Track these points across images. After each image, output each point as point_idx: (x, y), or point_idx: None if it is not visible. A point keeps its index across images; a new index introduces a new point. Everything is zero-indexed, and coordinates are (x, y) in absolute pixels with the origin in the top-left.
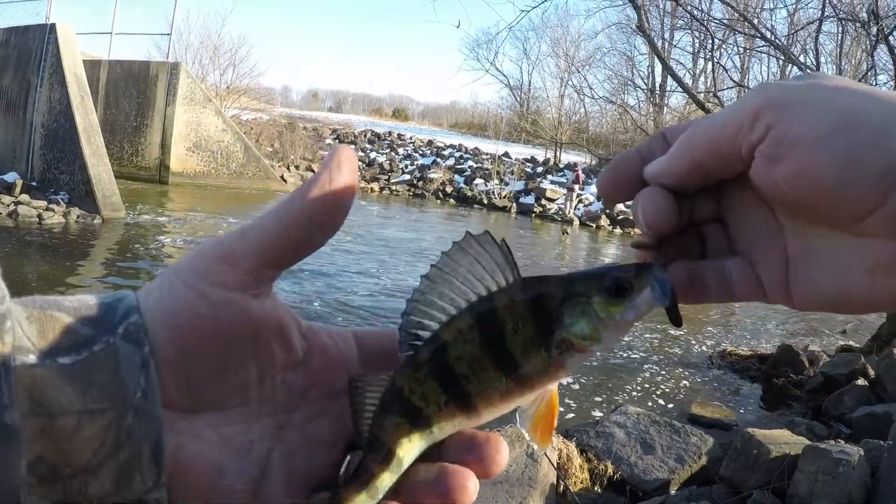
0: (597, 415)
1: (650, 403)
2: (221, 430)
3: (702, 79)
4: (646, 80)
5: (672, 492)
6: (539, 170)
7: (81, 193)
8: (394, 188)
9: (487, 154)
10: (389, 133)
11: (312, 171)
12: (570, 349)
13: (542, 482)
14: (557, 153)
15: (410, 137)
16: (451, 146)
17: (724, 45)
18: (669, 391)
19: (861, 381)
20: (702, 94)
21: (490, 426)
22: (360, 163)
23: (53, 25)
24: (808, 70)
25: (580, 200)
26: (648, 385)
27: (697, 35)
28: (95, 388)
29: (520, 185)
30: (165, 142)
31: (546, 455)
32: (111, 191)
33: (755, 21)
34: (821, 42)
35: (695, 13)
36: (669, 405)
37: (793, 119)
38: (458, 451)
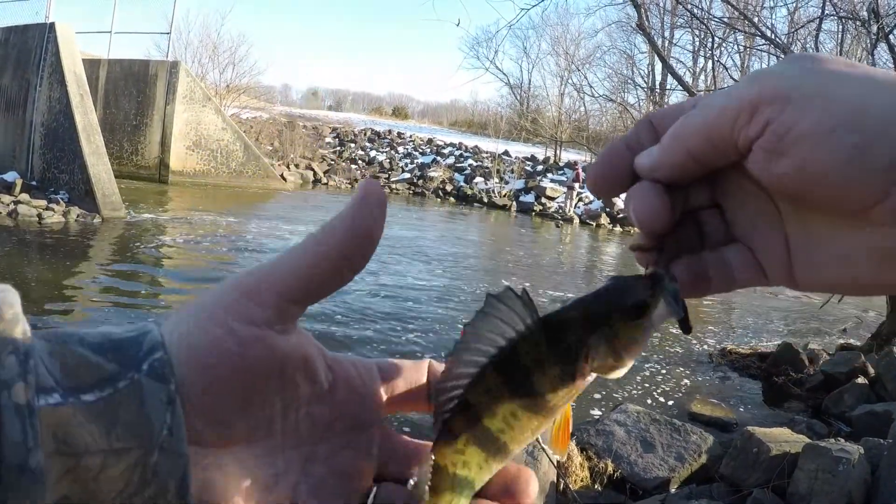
0: (597, 413)
1: (650, 402)
2: (248, 464)
3: (702, 77)
4: (646, 79)
5: (672, 490)
6: (539, 168)
7: (81, 193)
8: (394, 187)
9: (487, 152)
10: (389, 131)
11: (312, 170)
12: (594, 373)
13: (542, 480)
14: (557, 152)
15: (410, 136)
16: (451, 145)
17: (725, 44)
18: (669, 389)
19: (861, 380)
20: (702, 93)
21: None
22: (360, 161)
23: (53, 24)
24: None
25: (580, 199)
26: (648, 383)
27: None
28: (120, 427)
29: (520, 184)
30: (165, 141)
31: (546, 454)
32: (111, 190)
33: (755, 19)
34: (821, 40)
35: (695, 11)
36: (669, 403)
37: (794, 113)
38: (492, 491)
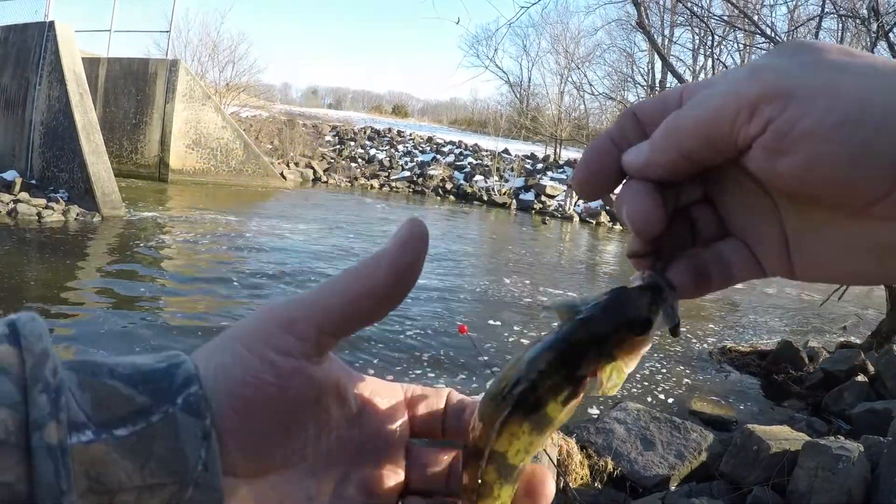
0: (596, 411)
1: (650, 400)
2: (281, 490)
3: (702, 75)
4: (646, 77)
5: (672, 488)
6: (539, 166)
7: (81, 191)
8: (394, 185)
9: (487, 151)
10: (389, 130)
11: (312, 168)
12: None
13: None
14: (557, 150)
15: (410, 134)
16: (451, 143)
17: (725, 42)
18: (669, 387)
19: (861, 378)
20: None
21: None
22: (360, 159)
23: (52, 23)
24: None
25: (583, 199)
26: (648, 381)
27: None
28: (154, 462)
29: (520, 182)
30: (165, 139)
31: (546, 451)
32: (111, 188)
33: (755, 17)
34: (821, 39)
35: (695, 10)
36: (669, 401)
37: (796, 111)
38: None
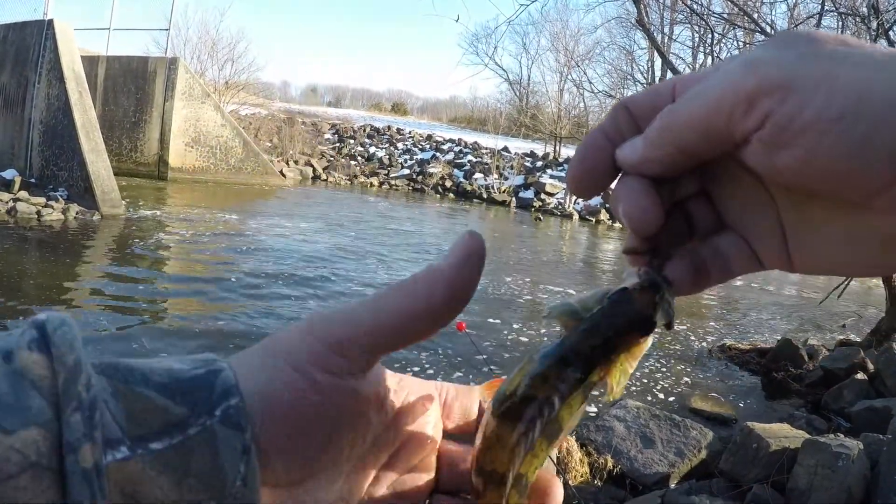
0: (596, 409)
1: (650, 397)
2: (316, 495)
3: None
4: (645, 75)
5: (672, 485)
6: (539, 164)
7: (80, 190)
8: (393, 183)
9: (487, 148)
10: (388, 128)
11: (312, 166)
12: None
13: None
14: (557, 148)
15: (409, 132)
16: (451, 141)
17: (724, 40)
18: (669, 385)
19: (860, 376)
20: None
21: None
22: (360, 157)
23: (51, 21)
24: None
25: (578, 197)
26: (648, 379)
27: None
28: (192, 478)
29: (519, 180)
30: (164, 137)
31: None
32: (110, 187)
33: (755, 15)
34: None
35: (694, 7)
36: (669, 399)
37: (795, 104)
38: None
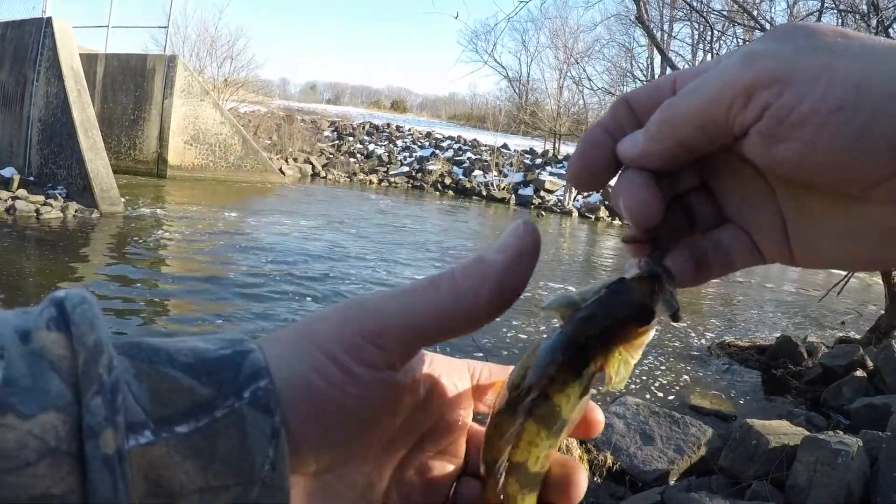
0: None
1: (649, 394)
2: (345, 477)
3: None
4: (645, 72)
5: (671, 482)
6: (538, 161)
7: (79, 188)
8: (392, 180)
9: (486, 146)
10: (388, 125)
11: (311, 164)
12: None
13: None
14: (556, 145)
15: (409, 129)
16: (450, 138)
17: (724, 37)
18: (668, 382)
19: (860, 373)
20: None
21: None
22: (359, 154)
23: (50, 19)
24: None
25: (579, 192)
26: (647, 376)
27: (697, 26)
28: (218, 462)
29: (519, 177)
30: (163, 135)
31: None
32: (109, 185)
33: (754, 12)
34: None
35: (694, 4)
36: (668, 396)
37: (793, 96)
38: (547, 491)
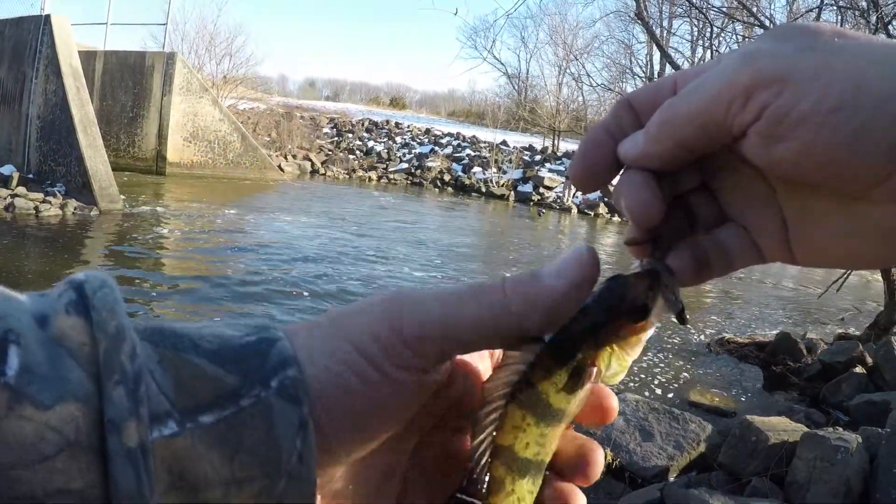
0: None
1: (649, 391)
2: (366, 461)
3: None
4: (644, 69)
5: (671, 479)
6: (537, 158)
7: (78, 185)
8: (392, 177)
9: (485, 142)
10: (387, 122)
11: (310, 161)
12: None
13: None
14: (555, 141)
15: (408, 126)
16: (449, 134)
17: (723, 34)
18: (668, 379)
19: (859, 369)
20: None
21: None
22: (358, 151)
23: (48, 17)
24: None
25: (582, 192)
26: (647, 373)
27: (696, 23)
28: (244, 453)
29: (518, 174)
30: (162, 132)
31: None
32: (108, 182)
33: (754, 9)
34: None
35: (693, 1)
36: (668, 392)
37: (791, 96)
38: (561, 466)
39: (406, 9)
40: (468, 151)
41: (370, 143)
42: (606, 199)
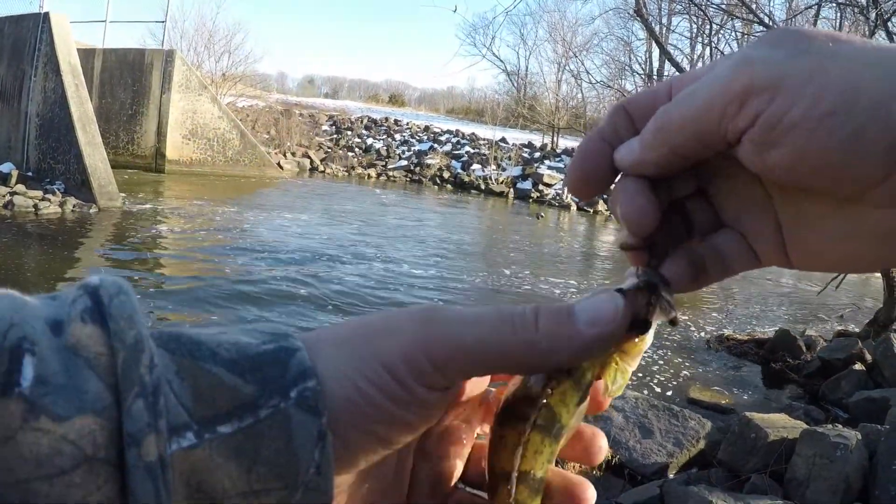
0: None
1: (648, 388)
2: (374, 472)
3: (700, 64)
4: (643, 66)
5: (670, 476)
6: (536, 155)
7: (77, 183)
8: (391, 174)
9: (484, 139)
10: (386, 119)
11: (309, 158)
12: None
13: None
14: (555, 138)
15: (407, 123)
16: (448, 132)
17: (722, 30)
18: (667, 376)
19: (858, 366)
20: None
21: None
22: (357, 148)
23: (47, 14)
24: None
25: (580, 200)
26: (646, 370)
27: (695, 20)
28: (262, 465)
29: (517, 171)
30: (161, 130)
31: None
32: (107, 180)
33: (753, 6)
34: (818, 27)
35: None
36: (667, 390)
37: (784, 102)
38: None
39: (406, 9)
40: (467, 149)
41: (369, 141)
42: (605, 197)
